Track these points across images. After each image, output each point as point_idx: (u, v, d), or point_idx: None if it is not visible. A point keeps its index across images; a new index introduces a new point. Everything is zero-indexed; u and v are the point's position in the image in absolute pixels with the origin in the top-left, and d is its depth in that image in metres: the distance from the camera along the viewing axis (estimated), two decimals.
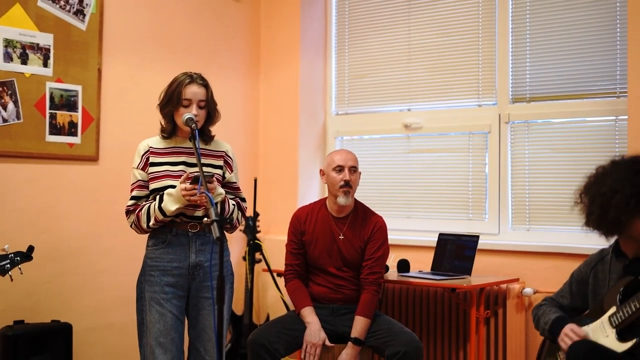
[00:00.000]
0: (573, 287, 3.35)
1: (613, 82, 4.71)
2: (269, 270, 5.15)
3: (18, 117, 4.57)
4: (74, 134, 4.83)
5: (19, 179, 4.60)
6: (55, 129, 4.74)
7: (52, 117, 4.72)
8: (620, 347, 2.96)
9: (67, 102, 4.79)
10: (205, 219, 3.37)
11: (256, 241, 5.30)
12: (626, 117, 4.49)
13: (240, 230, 5.52)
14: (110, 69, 5.03)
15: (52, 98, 4.72)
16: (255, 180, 5.25)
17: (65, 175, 4.81)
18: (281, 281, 5.00)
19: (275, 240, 5.50)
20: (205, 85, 3.63)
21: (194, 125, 3.48)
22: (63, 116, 4.77)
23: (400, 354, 4.02)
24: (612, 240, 3.25)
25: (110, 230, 4.98)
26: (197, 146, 3.44)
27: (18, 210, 4.56)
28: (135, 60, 5.18)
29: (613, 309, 3.05)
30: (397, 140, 5.66)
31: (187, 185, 3.40)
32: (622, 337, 2.99)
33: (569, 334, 3.11)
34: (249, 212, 5.40)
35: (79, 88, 4.85)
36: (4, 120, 4.51)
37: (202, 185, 3.32)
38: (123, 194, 3.76)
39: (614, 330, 3.02)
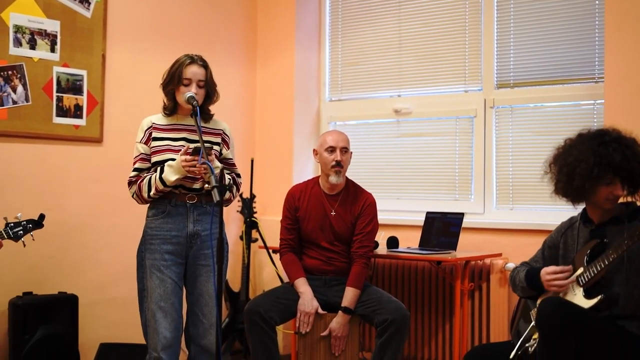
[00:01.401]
0: (545, 252, 3.59)
1: (592, 68, 4.96)
2: (265, 246, 5.39)
3: (27, 100, 4.81)
4: (80, 116, 5.07)
5: (27, 158, 4.84)
6: (62, 111, 4.98)
7: (59, 100, 4.96)
8: (587, 303, 3.20)
9: (73, 86, 5.03)
10: (206, 185, 3.60)
11: (253, 219, 5.53)
12: (603, 100, 4.73)
13: (237, 211, 5.76)
14: (114, 55, 5.26)
15: (58, 82, 4.96)
16: (252, 161, 5.49)
17: (70, 155, 5.05)
18: (276, 257, 5.25)
19: (270, 221, 5.72)
20: (205, 66, 3.87)
21: (195, 102, 3.71)
22: (69, 99, 5.01)
23: (388, 321, 4.26)
24: (580, 207, 3.50)
25: (113, 209, 5.22)
26: (198, 119, 3.67)
27: (27, 188, 4.79)
28: (138, 47, 5.42)
29: (581, 270, 3.28)
30: (388, 125, 5.91)
31: (187, 157, 3.64)
32: (588, 294, 3.22)
33: (551, 276, 3.34)
34: (246, 193, 5.64)
35: (84, 73, 5.09)
36: (14, 102, 4.75)
37: (202, 156, 3.55)
38: (125, 174, 3.96)
39: (581, 289, 3.26)
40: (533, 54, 5.21)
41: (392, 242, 5.09)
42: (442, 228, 5.03)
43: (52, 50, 4.93)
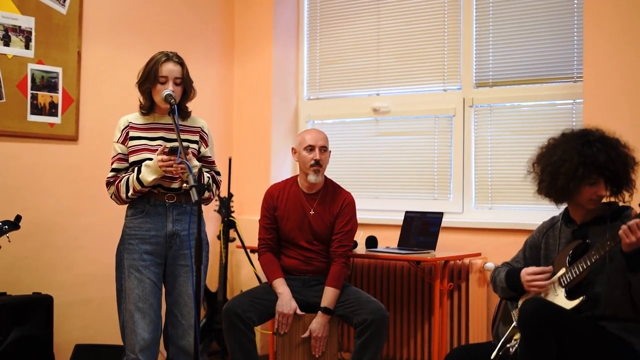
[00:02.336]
0: (527, 252, 3.58)
1: (570, 67, 4.96)
2: (243, 246, 5.34)
3: (0, 97, 4.73)
4: (55, 114, 4.99)
5: (1, 156, 4.76)
6: (37, 109, 4.90)
7: (34, 97, 4.88)
8: (569, 304, 3.18)
9: (48, 83, 4.95)
10: (185, 184, 3.55)
11: (230, 218, 5.48)
12: (582, 100, 4.73)
13: (215, 210, 5.71)
14: (90, 52, 5.20)
15: (33, 79, 4.88)
16: (230, 160, 5.45)
17: (46, 153, 4.97)
18: (255, 257, 5.21)
19: (248, 220, 5.68)
20: (181, 63, 3.82)
21: (172, 100, 3.66)
22: (44, 97, 4.94)
23: (368, 322, 4.24)
24: (562, 207, 3.49)
25: (89, 208, 5.15)
26: (176, 117, 3.62)
27: (1, 187, 4.72)
28: (114, 44, 5.35)
29: (562, 270, 3.27)
30: (366, 124, 5.88)
31: (164, 156, 3.59)
32: (570, 295, 3.21)
33: (531, 277, 3.32)
34: (224, 192, 5.59)
35: (59, 70, 5.01)
36: None
37: (181, 154, 3.51)
38: (102, 173, 3.90)
39: (563, 290, 3.24)
40: (512, 53, 5.20)
41: (371, 242, 5.07)
42: (421, 228, 5.01)
43: (27, 47, 4.85)
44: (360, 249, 5.04)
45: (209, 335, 5.58)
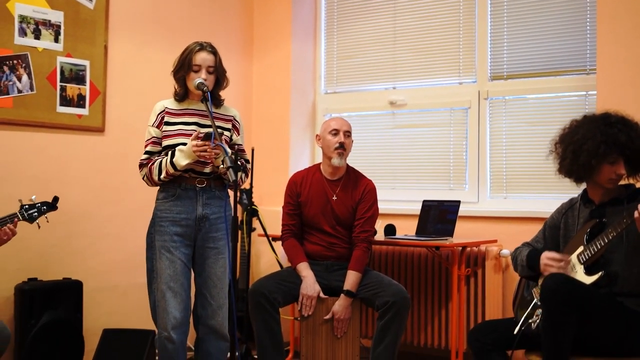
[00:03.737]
0: (546, 232, 3.72)
1: (583, 59, 5.10)
2: (265, 233, 5.49)
3: (31, 89, 4.88)
4: (82, 106, 5.15)
5: (32, 146, 4.91)
6: (65, 101, 5.05)
7: (63, 89, 5.04)
8: (588, 279, 3.33)
9: (76, 76, 5.10)
10: (222, 165, 3.69)
11: (253, 207, 5.62)
12: (595, 92, 4.87)
13: (237, 201, 5.85)
14: (116, 47, 5.35)
15: (62, 72, 5.03)
16: (253, 150, 5.58)
17: (73, 144, 5.12)
18: (276, 245, 5.35)
19: (267, 211, 5.81)
20: (214, 52, 3.97)
21: (205, 88, 3.81)
22: (72, 89, 5.09)
23: (389, 303, 4.38)
24: (581, 188, 3.63)
25: (115, 198, 5.30)
26: (210, 104, 3.77)
27: (30, 176, 4.85)
28: (139, 39, 5.51)
29: (581, 248, 3.42)
30: (383, 117, 6.03)
31: (199, 141, 3.73)
32: (589, 271, 3.36)
33: (549, 262, 3.47)
34: (247, 183, 5.72)
35: (86, 63, 5.17)
36: (19, 91, 4.82)
37: (215, 139, 3.65)
38: (127, 163, 4.03)
39: (582, 267, 3.39)
40: (526, 46, 5.35)
41: (390, 230, 5.20)
42: (438, 216, 5.15)
43: (56, 40, 5.00)
44: (379, 236, 5.17)
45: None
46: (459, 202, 5.11)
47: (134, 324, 5.05)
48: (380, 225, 5.22)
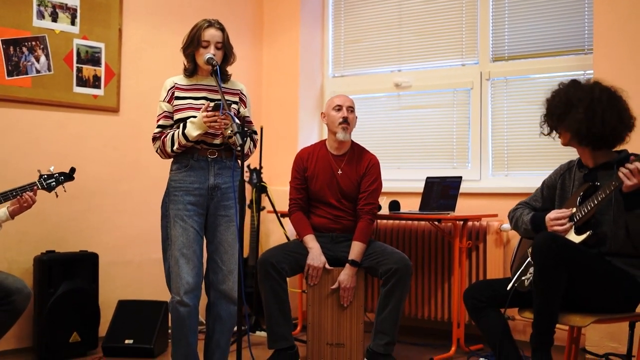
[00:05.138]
0: (544, 192, 3.88)
1: (581, 40, 5.28)
2: (274, 209, 5.68)
3: (49, 69, 5.09)
4: (98, 86, 5.35)
5: (49, 124, 5.12)
6: (81, 82, 5.26)
7: (79, 70, 5.24)
8: (577, 239, 3.49)
9: (92, 58, 5.31)
10: (229, 131, 3.87)
11: (262, 183, 5.81)
12: (592, 71, 5.03)
13: (246, 180, 6.02)
14: (130, 30, 5.56)
15: (78, 53, 5.24)
16: (262, 129, 5.76)
17: (89, 123, 5.33)
18: (284, 222, 5.53)
19: (276, 191, 5.99)
20: (222, 29, 4.13)
21: (214, 62, 3.98)
22: (88, 70, 5.29)
23: (392, 270, 4.55)
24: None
25: (129, 175, 5.52)
26: (219, 76, 3.94)
27: (49, 153, 5.06)
28: (152, 23, 5.71)
29: (573, 209, 3.58)
30: (389, 99, 6.23)
31: (209, 112, 3.90)
32: (579, 231, 3.52)
33: (554, 223, 3.61)
34: (255, 163, 5.90)
35: (102, 45, 5.37)
36: (37, 72, 5.03)
37: (224, 109, 3.83)
38: (141, 142, 4.18)
39: (573, 227, 3.56)
40: (527, 27, 5.53)
41: (394, 206, 5.38)
42: (441, 191, 5.32)
43: (73, 23, 5.21)
44: (384, 212, 5.34)
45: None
46: (460, 177, 5.28)
47: (148, 297, 5.25)
48: (385, 202, 5.39)
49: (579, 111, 3.54)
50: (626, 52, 4.88)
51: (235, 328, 3.92)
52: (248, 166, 5.92)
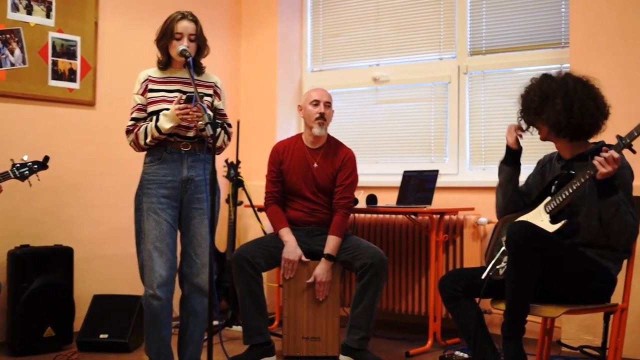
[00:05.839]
0: (530, 179, 3.90)
1: (558, 33, 5.29)
2: (250, 203, 5.67)
3: (24, 62, 5.05)
4: (74, 80, 5.32)
5: (24, 118, 5.08)
6: (57, 75, 5.22)
7: (54, 63, 5.21)
8: (552, 227, 3.49)
9: (67, 51, 5.27)
10: (200, 122, 3.86)
11: (239, 177, 5.79)
12: (568, 65, 5.04)
13: (224, 175, 6.00)
14: (106, 23, 5.52)
15: (54, 46, 5.20)
16: (238, 123, 5.74)
17: (65, 117, 5.30)
18: (261, 216, 5.51)
19: (255, 186, 5.96)
20: (195, 21, 4.11)
21: (188, 53, 3.96)
22: (64, 63, 5.26)
23: (367, 265, 4.55)
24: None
25: (105, 169, 5.48)
26: (192, 68, 3.92)
27: (24, 146, 4.98)
28: (128, 16, 5.68)
29: (548, 199, 3.59)
30: (367, 93, 6.23)
31: (181, 105, 3.88)
32: (554, 220, 3.52)
33: (510, 129, 3.80)
34: (233, 157, 5.89)
35: (77, 39, 5.34)
36: (12, 65, 4.99)
37: (196, 100, 3.81)
38: (117, 136, 4.15)
39: (548, 216, 3.55)
40: (504, 21, 5.54)
41: (371, 200, 5.37)
42: (418, 185, 5.31)
43: (48, 16, 5.17)
44: (361, 206, 5.33)
45: (218, 294, 5.85)
46: (437, 171, 5.27)
47: (124, 292, 5.21)
48: (362, 197, 5.38)
49: (557, 102, 3.54)
50: (602, 45, 4.90)
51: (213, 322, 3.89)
52: (226, 160, 5.91)
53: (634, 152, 3.35)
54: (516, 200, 3.82)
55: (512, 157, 3.84)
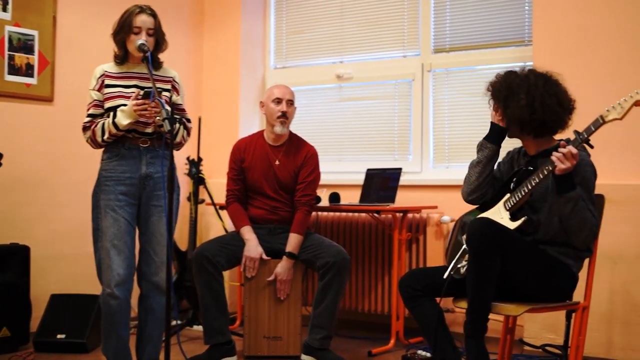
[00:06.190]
0: (501, 166, 3.84)
1: (522, 31, 5.28)
2: (212, 201, 5.61)
3: None
4: (31, 75, 5.21)
5: None
6: (14, 70, 5.12)
7: (11, 58, 5.10)
8: (512, 225, 3.47)
9: (25, 45, 5.17)
10: (158, 118, 3.78)
11: (200, 175, 5.72)
12: (532, 62, 5.03)
13: (185, 173, 5.93)
14: (65, 18, 5.42)
15: (10, 41, 5.09)
16: (200, 119, 5.66)
17: (22, 113, 5.19)
18: (223, 214, 5.45)
19: (217, 183, 5.90)
20: (154, 15, 4.03)
21: (146, 48, 3.88)
22: (21, 58, 5.15)
23: (329, 264, 4.50)
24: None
25: (64, 167, 5.38)
26: (150, 63, 3.84)
27: None
28: (88, 11, 5.58)
29: (507, 196, 3.56)
30: (331, 90, 6.19)
31: (139, 101, 3.81)
32: (514, 217, 3.50)
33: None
34: (194, 154, 5.81)
35: (35, 33, 5.24)
36: None
37: (154, 96, 3.74)
38: (76, 133, 4.05)
39: (508, 213, 3.53)
40: (468, 19, 5.52)
41: (334, 198, 5.32)
42: (381, 183, 5.27)
43: (4, 9, 5.06)
44: (324, 204, 5.29)
45: (180, 293, 5.79)
46: (400, 169, 5.23)
47: (83, 291, 5.10)
48: (325, 195, 5.33)
49: (521, 97, 3.52)
50: (565, 43, 4.90)
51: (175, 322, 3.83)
52: (187, 158, 5.84)
53: (591, 147, 3.34)
54: (488, 182, 3.72)
55: (498, 135, 3.71)
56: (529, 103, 3.50)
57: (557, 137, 3.60)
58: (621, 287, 4.60)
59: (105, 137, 3.91)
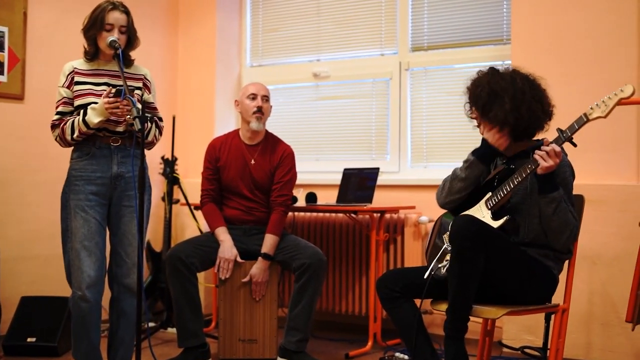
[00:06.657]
0: None
1: (500, 30, 5.23)
2: (187, 201, 5.52)
3: None
4: (1, 72, 5.11)
5: None
6: None
7: None
8: (495, 224, 3.40)
9: None
10: (128, 117, 3.69)
11: (174, 175, 5.63)
12: (510, 61, 4.98)
13: (159, 173, 5.84)
14: (36, 14, 5.31)
15: None
16: (174, 118, 5.58)
17: None
18: (198, 214, 5.36)
19: (192, 183, 5.81)
20: (127, 12, 3.94)
21: (117, 45, 3.80)
22: None
23: (305, 265, 4.44)
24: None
25: (35, 166, 5.27)
26: (121, 61, 3.75)
27: None
28: (60, 7, 5.47)
29: (489, 194, 3.50)
30: (307, 89, 6.12)
31: (110, 99, 3.72)
32: (496, 216, 3.43)
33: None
34: (168, 154, 5.72)
35: (5, 29, 5.13)
36: None
37: (125, 94, 3.65)
38: (48, 132, 3.98)
39: (490, 212, 3.47)
40: (446, 17, 5.46)
41: (311, 198, 5.25)
42: (358, 183, 5.21)
43: None
44: (300, 204, 5.22)
45: (154, 295, 5.70)
46: (377, 169, 5.17)
47: (55, 294, 5.00)
48: (302, 195, 5.27)
49: (506, 101, 3.45)
50: (543, 42, 4.87)
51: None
52: (162, 157, 5.75)
53: (574, 145, 3.29)
54: (464, 196, 3.68)
55: (490, 156, 3.61)
56: (515, 108, 3.43)
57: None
58: (600, 287, 4.56)
59: (75, 135, 3.81)
